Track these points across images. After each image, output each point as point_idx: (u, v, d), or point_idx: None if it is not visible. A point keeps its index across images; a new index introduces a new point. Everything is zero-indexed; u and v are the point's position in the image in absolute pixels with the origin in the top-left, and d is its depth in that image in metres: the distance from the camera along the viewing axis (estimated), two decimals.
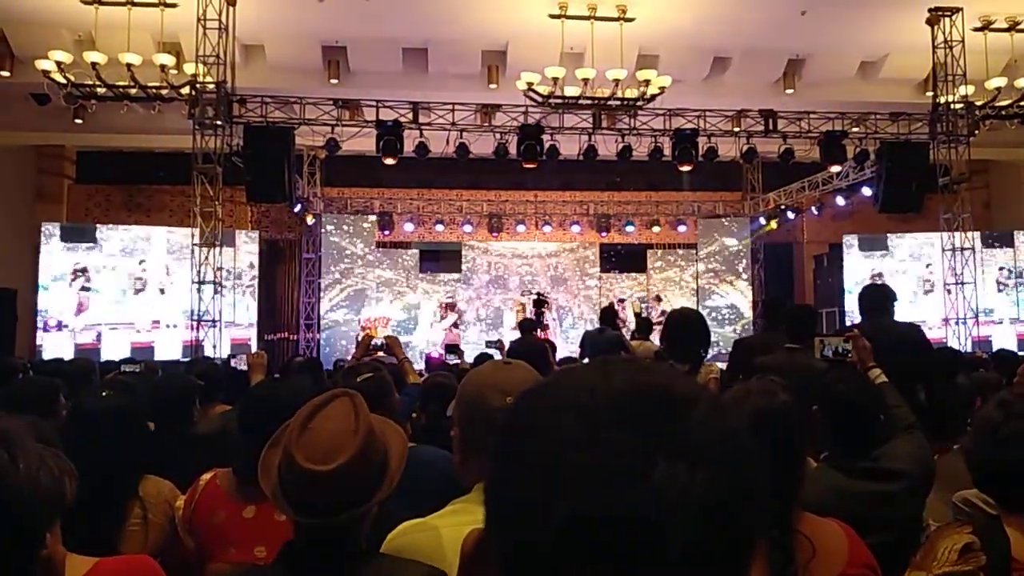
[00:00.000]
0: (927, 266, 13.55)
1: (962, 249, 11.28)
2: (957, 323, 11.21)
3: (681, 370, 3.89)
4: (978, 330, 11.34)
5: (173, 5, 9.81)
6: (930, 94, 11.37)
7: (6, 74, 11.16)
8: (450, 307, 14.77)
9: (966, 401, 3.70)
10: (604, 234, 15.48)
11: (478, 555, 0.60)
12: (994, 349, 9.73)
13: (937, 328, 11.75)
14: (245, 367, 4.94)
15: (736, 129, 11.35)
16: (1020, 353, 9.01)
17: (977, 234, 12.15)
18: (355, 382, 2.71)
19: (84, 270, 12.39)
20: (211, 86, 9.80)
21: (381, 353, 4.70)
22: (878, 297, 4.37)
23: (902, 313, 11.34)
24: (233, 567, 2.07)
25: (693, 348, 4.00)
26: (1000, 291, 13.68)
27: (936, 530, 1.70)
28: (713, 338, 5.27)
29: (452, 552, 1.36)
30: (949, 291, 11.46)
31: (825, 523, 1.69)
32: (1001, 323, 13.47)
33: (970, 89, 10.65)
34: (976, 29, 10.65)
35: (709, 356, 4.22)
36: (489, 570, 0.56)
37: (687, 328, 4.09)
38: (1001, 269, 13.75)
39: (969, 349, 10.35)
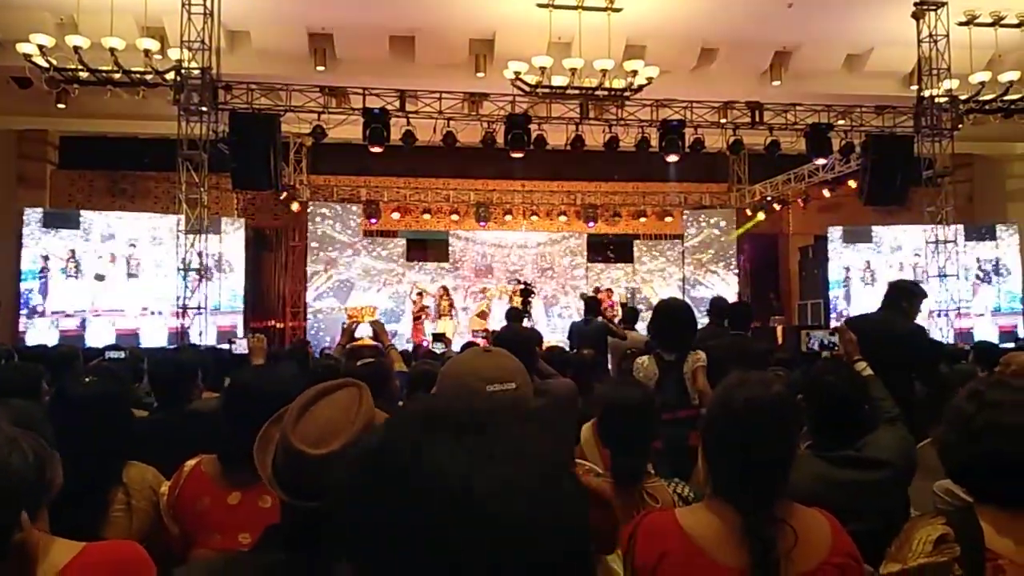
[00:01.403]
0: (914, 261, 13.65)
1: (945, 242, 11.38)
2: (939, 315, 11.32)
3: (668, 359, 3.93)
4: (960, 322, 11.46)
5: None
6: (915, 88, 11.44)
7: None
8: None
9: (948, 393, 3.75)
10: (591, 224, 15.50)
11: None
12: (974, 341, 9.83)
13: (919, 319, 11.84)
14: (245, 351, 4.95)
15: (723, 120, 11.38)
16: (1002, 345, 9.12)
17: (960, 227, 12.25)
18: (355, 366, 2.71)
19: (81, 260, 12.32)
20: (196, 72, 9.71)
21: (368, 339, 4.69)
22: (891, 293, 4.41)
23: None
24: (217, 553, 2.05)
25: (680, 337, 4.04)
26: (981, 283, 13.82)
27: (911, 521, 1.70)
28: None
29: None
30: (925, 281, 11.55)
31: (808, 512, 1.68)
32: (983, 315, 13.62)
33: (954, 83, 10.73)
34: (961, 23, 10.70)
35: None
36: None
37: (674, 318, 4.13)
38: (989, 262, 13.90)
39: (951, 341, 10.46)
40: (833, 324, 13.50)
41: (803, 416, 2.39)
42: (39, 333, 11.81)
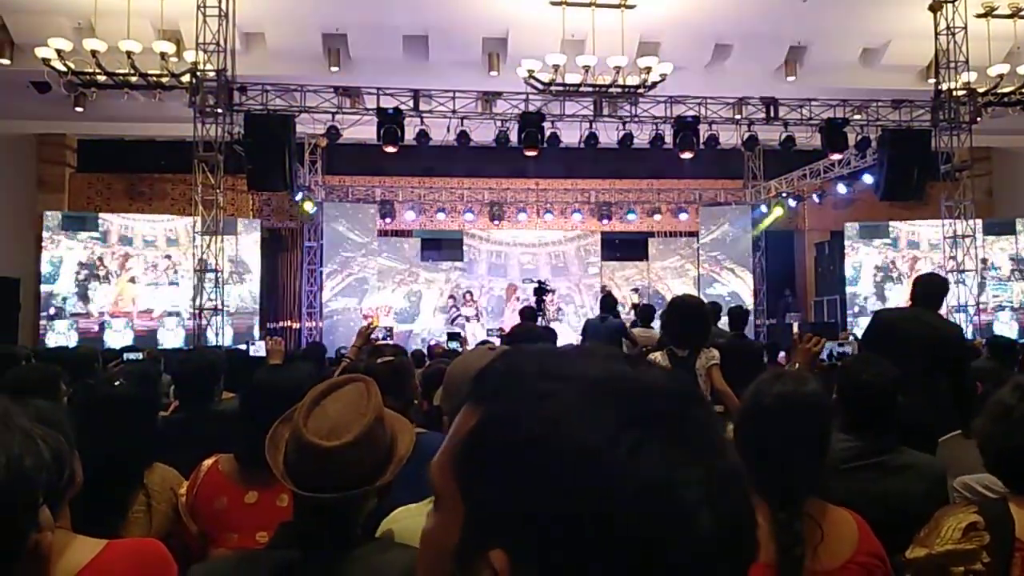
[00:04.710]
0: (931, 256, 13.53)
1: (963, 236, 11.26)
2: (958, 310, 11.21)
3: (680, 355, 3.92)
4: (980, 317, 11.34)
5: None
6: (932, 81, 11.32)
7: (6, 62, 11.11)
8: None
9: (972, 390, 3.71)
10: (605, 222, 15.46)
11: None
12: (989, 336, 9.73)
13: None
14: (263, 353, 4.99)
15: (737, 116, 11.31)
16: (1022, 341, 9.01)
17: (979, 222, 12.11)
18: (376, 363, 2.71)
19: (100, 262, 12.44)
20: (211, 74, 9.77)
21: (385, 340, 4.71)
22: (926, 289, 4.17)
23: (903, 301, 11.26)
24: (233, 552, 2.07)
25: (693, 334, 4.03)
26: (1001, 278, 13.68)
27: (942, 509, 1.72)
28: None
29: None
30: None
31: (837, 511, 1.71)
32: (1003, 310, 13.48)
33: (972, 76, 10.58)
34: (979, 16, 10.58)
35: None
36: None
37: (687, 314, 4.11)
38: (1012, 259, 13.75)
39: (969, 336, 10.35)
40: (849, 321, 13.42)
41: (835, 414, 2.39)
42: (59, 335, 11.94)
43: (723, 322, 7.67)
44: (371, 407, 1.45)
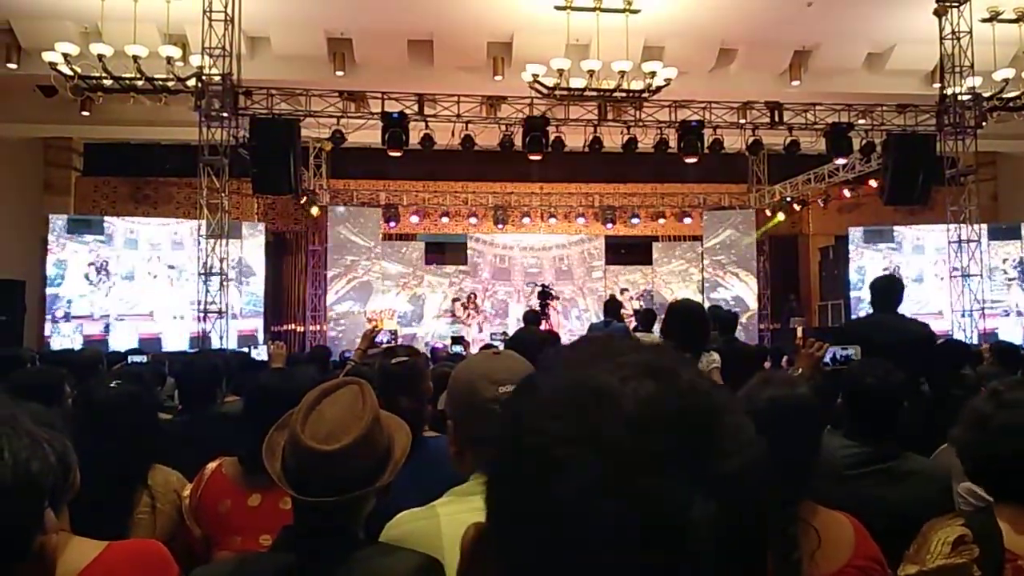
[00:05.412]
0: (934, 261, 13.49)
1: (968, 241, 11.23)
2: (963, 315, 11.18)
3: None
4: (984, 322, 11.30)
5: None
6: (937, 85, 11.31)
7: (13, 66, 11.18)
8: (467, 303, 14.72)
9: (971, 394, 3.70)
10: (609, 226, 15.47)
11: (478, 552, 0.56)
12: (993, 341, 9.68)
13: (938, 320, 11.72)
14: (266, 357, 5.00)
15: (742, 121, 11.31)
16: None
17: (984, 226, 12.08)
18: (390, 364, 2.71)
19: (105, 265, 12.47)
20: (217, 78, 9.80)
21: (390, 343, 4.70)
22: (880, 288, 4.32)
23: (909, 304, 11.27)
24: (236, 555, 2.07)
25: (692, 338, 4.02)
26: (1008, 283, 13.63)
27: (929, 523, 1.70)
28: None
29: (450, 539, 1.36)
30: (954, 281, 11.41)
31: (833, 515, 1.70)
32: (1008, 315, 13.43)
33: (978, 80, 10.57)
34: (984, 20, 10.57)
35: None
36: (489, 567, 0.54)
37: (687, 318, 4.10)
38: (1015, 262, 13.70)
39: (975, 341, 10.31)
40: None
41: (826, 417, 2.37)
42: (64, 338, 11.97)
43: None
44: (367, 409, 1.45)
